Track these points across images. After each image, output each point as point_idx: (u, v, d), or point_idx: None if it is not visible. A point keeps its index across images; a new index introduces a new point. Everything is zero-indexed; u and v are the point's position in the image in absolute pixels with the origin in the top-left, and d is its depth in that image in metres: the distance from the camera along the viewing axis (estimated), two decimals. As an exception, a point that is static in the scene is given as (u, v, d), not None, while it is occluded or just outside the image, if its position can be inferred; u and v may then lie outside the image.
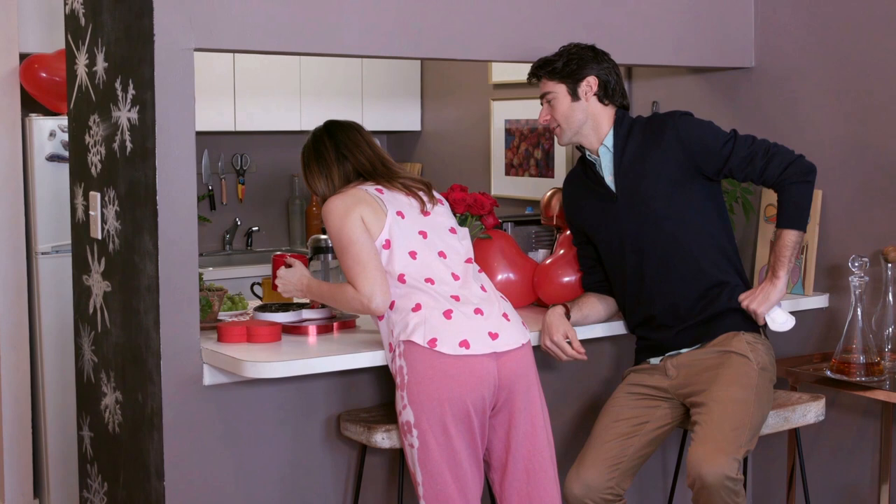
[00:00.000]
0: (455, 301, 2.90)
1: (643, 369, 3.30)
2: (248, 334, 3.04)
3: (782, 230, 3.16)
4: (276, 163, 5.71)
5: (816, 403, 3.36)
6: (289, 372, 2.89)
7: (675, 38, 3.83)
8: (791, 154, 3.17)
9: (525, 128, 5.27)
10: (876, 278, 3.59)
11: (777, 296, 3.17)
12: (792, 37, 3.94)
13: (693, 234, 3.19)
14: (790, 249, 3.15)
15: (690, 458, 2.93)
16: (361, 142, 3.12)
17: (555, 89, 3.23)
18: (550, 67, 3.24)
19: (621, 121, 3.25)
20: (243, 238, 5.62)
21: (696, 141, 3.16)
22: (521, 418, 2.93)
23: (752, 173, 3.16)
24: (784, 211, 3.16)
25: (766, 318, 3.17)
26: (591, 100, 3.22)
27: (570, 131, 3.24)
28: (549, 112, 3.25)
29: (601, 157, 3.24)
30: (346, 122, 3.20)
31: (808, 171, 3.16)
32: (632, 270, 3.24)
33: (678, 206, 3.17)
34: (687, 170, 3.16)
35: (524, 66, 3.44)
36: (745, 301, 3.18)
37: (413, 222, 2.97)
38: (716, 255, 3.21)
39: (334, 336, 3.17)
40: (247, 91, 5.28)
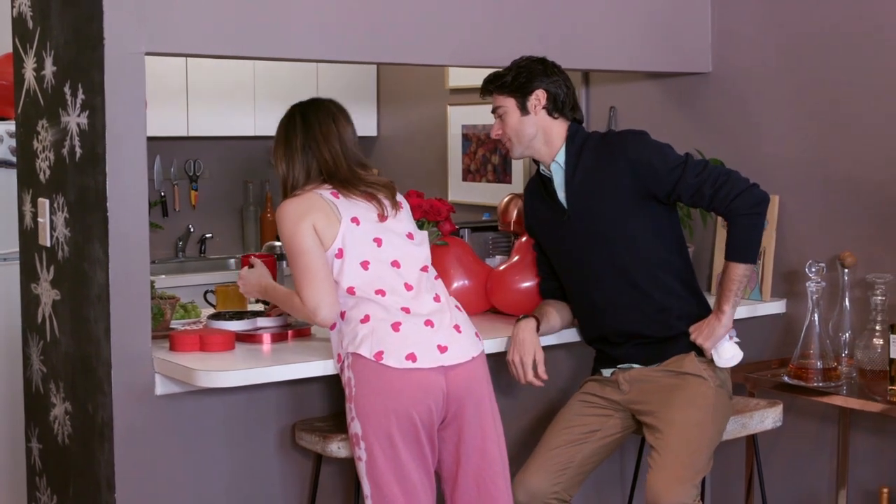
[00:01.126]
0: (405, 313, 2.88)
1: (598, 380, 3.32)
2: (201, 343, 3.02)
3: (729, 263, 3.12)
4: (230, 168, 5.69)
5: (774, 409, 3.39)
6: (243, 381, 2.88)
7: (631, 44, 3.86)
8: (742, 184, 3.09)
9: (482, 133, 5.28)
10: (833, 284, 3.63)
11: (722, 331, 3.15)
12: (749, 42, 3.99)
13: (644, 257, 3.17)
14: (736, 283, 3.12)
15: (649, 486, 2.96)
16: (332, 134, 3.00)
17: (504, 103, 3.21)
18: (500, 82, 3.22)
19: (574, 136, 3.22)
20: (196, 245, 5.59)
21: (644, 164, 3.11)
22: (471, 431, 2.92)
23: (700, 201, 3.11)
24: (731, 243, 3.12)
25: (713, 353, 3.16)
26: (541, 113, 3.19)
27: (520, 146, 3.23)
28: (500, 126, 3.24)
29: (553, 172, 3.23)
30: (326, 104, 3.08)
31: (757, 202, 3.09)
32: (582, 288, 3.26)
33: (630, 228, 3.15)
34: (637, 192, 3.13)
35: (481, 70, 3.45)
36: (692, 334, 3.18)
37: (368, 230, 2.94)
38: (668, 278, 3.19)
39: (289, 344, 3.16)
40: (199, 95, 5.25)
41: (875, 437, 3.70)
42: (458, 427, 2.92)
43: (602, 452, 3.24)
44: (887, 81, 3.62)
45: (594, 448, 3.21)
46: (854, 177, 3.71)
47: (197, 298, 3.72)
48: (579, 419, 3.23)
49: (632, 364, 3.24)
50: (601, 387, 3.28)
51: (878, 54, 3.63)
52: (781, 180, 3.90)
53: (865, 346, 3.44)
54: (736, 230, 3.11)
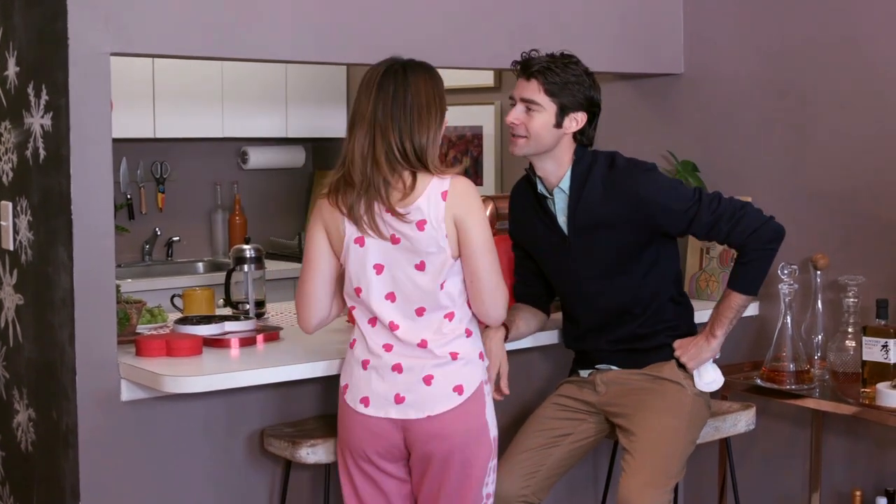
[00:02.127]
0: (383, 350, 2.78)
1: (574, 381, 3.32)
2: (167, 348, 3.00)
3: (732, 291, 3.10)
4: (198, 170, 5.67)
5: (747, 412, 3.41)
6: (210, 386, 2.86)
7: (603, 45, 3.87)
8: (758, 218, 3.06)
9: (453, 134, 5.28)
10: (805, 286, 3.66)
11: (709, 355, 3.15)
12: (722, 44, 4.01)
13: (643, 288, 3.15)
14: (734, 312, 3.11)
15: (621, 491, 2.97)
16: (392, 119, 2.69)
17: (543, 103, 3.04)
18: (552, 79, 3.04)
19: (580, 160, 3.11)
20: (163, 248, 5.56)
21: (657, 205, 3.04)
22: (439, 482, 2.81)
23: (717, 236, 3.07)
24: (739, 275, 3.09)
25: (694, 374, 3.17)
26: (569, 134, 3.10)
27: (531, 148, 3.09)
28: (524, 119, 3.07)
29: (555, 196, 3.14)
30: (420, 68, 2.79)
31: (773, 238, 3.06)
32: (575, 309, 3.26)
33: (632, 264, 3.12)
34: (646, 230, 3.08)
35: (452, 70, 3.44)
36: (677, 350, 3.18)
37: (370, 255, 2.76)
38: (663, 304, 3.18)
39: (258, 349, 3.15)
40: (166, 97, 5.23)
41: (848, 440, 3.73)
42: (423, 473, 2.82)
43: (573, 456, 3.24)
44: (859, 85, 3.65)
45: (565, 452, 3.21)
46: (827, 179, 3.74)
47: (164, 302, 3.71)
48: (552, 422, 3.23)
49: (610, 366, 3.24)
50: (577, 389, 3.28)
51: (850, 57, 3.66)
52: (753, 182, 3.92)
53: (838, 349, 3.46)
54: (747, 263, 3.07)
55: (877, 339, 3.28)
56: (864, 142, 3.64)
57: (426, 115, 2.72)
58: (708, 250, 3.97)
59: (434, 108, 2.74)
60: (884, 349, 3.27)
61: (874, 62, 3.61)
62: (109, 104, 2.92)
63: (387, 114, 2.71)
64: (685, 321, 3.25)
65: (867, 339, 3.30)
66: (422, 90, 2.73)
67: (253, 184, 5.84)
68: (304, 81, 5.63)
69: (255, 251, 3.69)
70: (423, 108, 2.72)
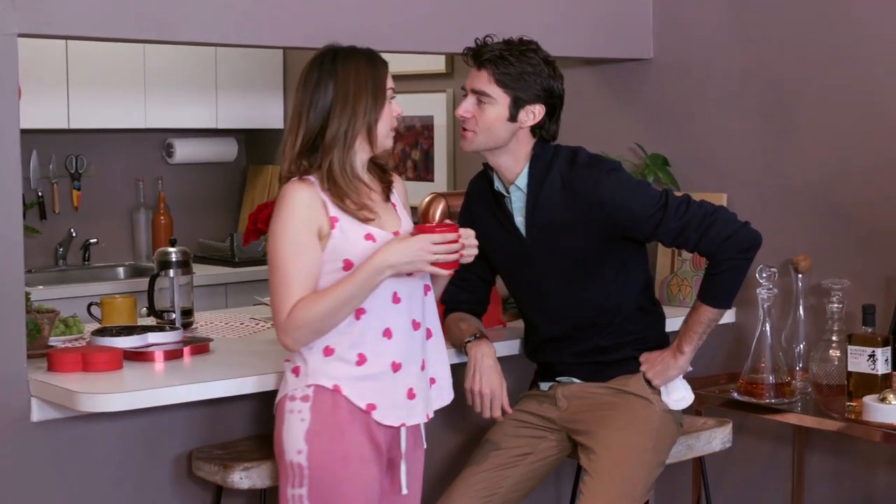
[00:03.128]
0: None
1: (534, 395, 3.33)
2: (83, 362, 2.98)
3: (701, 304, 3.11)
4: (118, 165, 5.63)
5: (722, 429, 3.43)
6: (131, 405, 2.84)
7: (566, 27, 3.89)
8: (731, 224, 3.04)
9: (401, 125, 5.28)
10: (786, 290, 3.69)
11: (676, 372, 3.16)
12: (694, 26, 4.04)
13: (608, 295, 3.17)
14: (704, 326, 3.12)
15: None
16: (308, 112, 2.75)
17: (495, 95, 3.04)
18: (502, 69, 3.03)
19: (539, 157, 3.11)
20: (79, 252, 5.52)
21: (621, 208, 3.04)
22: None
23: (685, 244, 3.06)
24: (710, 286, 3.08)
25: (662, 391, 3.18)
26: (526, 128, 3.09)
27: (483, 143, 3.09)
28: (474, 111, 3.07)
29: (512, 195, 3.15)
30: (355, 56, 2.80)
31: (748, 246, 3.04)
32: (535, 316, 3.27)
33: (596, 269, 3.14)
34: (610, 234, 3.09)
35: (401, 56, 3.44)
36: (644, 365, 3.19)
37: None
38: (629, 311, 3.19)
39: (185, 363, 3.13)
40: (82, 83, 5.19)
41: (833, 458, 3.76)
42: None
43: (533, 478, 3.25)
44: (844, 73, 3.68)
45: (524, 473, 3.22)
46: (809, 174, 3.78)
47: (80, 312, 3.67)
48: (510, 440, 3.24)
49: (572, 378, 3.25)
50: (537, 403, 3.29)
51: (834, 41, 3.70)
52: (729, 177, 3.95)
53: (821, 359, 3.49)
54: (718, 274, 3.07)
55: (863, 348, 3.31)
56: (850, 134, 3.68)
57: (350, 105, 2.74)
58: (680, 252, 4.00)
59: (364, 99, 2.75)
60: (871, 359, 3.30)
61: (860, 46, 3.65)
62: (17, 91, 2.88)
63: (304, 106, 2.76)
64: (654, 332, 3.27)
65: (853, 348, 3.33)
66: (350, 79, 2.74)
67: (179, 180, 5.80)
68: (237, 67, 5.61)
69: (182, 255, 3.67)
70: (348, 98, 2.74)
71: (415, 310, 2.82)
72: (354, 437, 2.74)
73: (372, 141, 2.77)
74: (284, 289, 2.70)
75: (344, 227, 2.72)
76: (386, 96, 2.79)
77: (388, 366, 2.76)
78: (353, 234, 2.72)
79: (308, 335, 2.71)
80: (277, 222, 2.73)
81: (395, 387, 2.77)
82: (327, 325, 2.70)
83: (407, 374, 2.79)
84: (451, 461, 3.59)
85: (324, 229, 2.72)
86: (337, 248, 2.72)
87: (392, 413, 2.77)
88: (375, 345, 2.75)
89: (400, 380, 2.78)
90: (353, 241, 2.72)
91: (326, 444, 2.72)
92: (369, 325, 2.75)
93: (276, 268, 2.72)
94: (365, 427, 2.75)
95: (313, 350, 2.75)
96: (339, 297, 2.67)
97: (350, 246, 2.72)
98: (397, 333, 2.77)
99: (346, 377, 2.73)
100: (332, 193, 2.72)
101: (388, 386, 2.76)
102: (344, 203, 2.73)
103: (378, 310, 2.75)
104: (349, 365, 2.73)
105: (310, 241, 2.71)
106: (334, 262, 2.72)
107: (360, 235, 2.73)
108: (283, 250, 2.70)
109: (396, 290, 2.77)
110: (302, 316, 2.68)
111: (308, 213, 2.71)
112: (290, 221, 2.71)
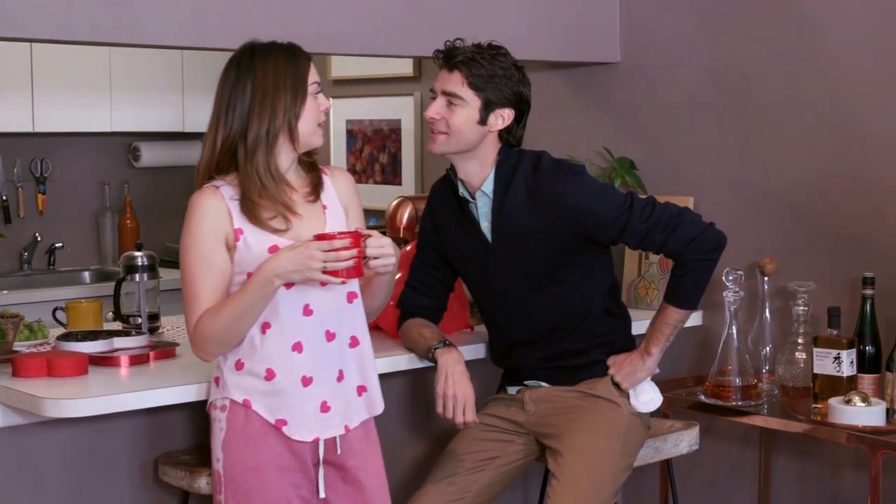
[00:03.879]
0: None
1: (502, 398, 3.33)
2: (48, 367, 2.96)
3: (668, 305, 3.13)
4: (84, 169, 5.60)
5: (689, 431, 3.44)
6: (97, 410, 2.82)
7: (532, 31, 3.90)
8: (697, 226, 3.06)
9: (369, 129, 5.28)
10: (752, 293, 3.71)
11: (644, 374, 3.17)
12: (662, 30, 4.05)
13: (574, 300, 3.17)
14: (671, 328, 3.13)
15: None
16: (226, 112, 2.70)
17: (466, 97, 3.04)
18: (474, 71, 3.04)
19: (504, 162, 3.11)
20: (44, 256, 5.49)
21: (585, 211, 3.05)
22: None
23: (651, 246, 3.08)
24: (676, 287, 3.10)
25: (630, 394, 3.19)
26: (494, 132, 3.10)
27: (452, 146, 3.09)
28: (444, 113, 3.07)
29: (478, 200, 3.15)
30: (273, 51, 2.73)
31: (714, 247, 3.06)
32: (500, 321, 3.26)
33: (562, 274, 3.14)
34: (575, 238, 3.09)
35: (369, 60, 3.44)
36: (611, 369, 3.20)
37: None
38: (596, 315, 3.20)
39: (150, 367, 3.12)
40: (47, 86, 5.16)
41: (799, 460, 3.79)
42: None
43: (501, 482, 3.25)
44: (811, 76, 3.71)
45: (492, 477, 3.22)
46: (774, 178, 3.80)
47: (45, 317, 3.65)
48: (477, 444, 3.24)
49: (540, 382, 3.26)
50: (505, 407, 3.29)
51: (802, 45, 3.72)
52: (696, 181, 3.97)
53: (787, 361, 3.52)
54: (684, 275, 3.08)
55: (829, 350, 3.33)
56: (816, 137, 3.70)
57: (269, 103, 2.67)
58: (647, 255, 4.01)
59: (284, 96, 2.68)
60: (836, 361, 3.32)
61: (825, 50, 3.67)
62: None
63: (222, 107, 2.71)
64: (621, 334, 3.27)
65: (818, 350, 3.35)
66: (269, 76, 2.69)
67: (145, 183, 5.78)
68: (203, 70, 5.59)
69: (148, 258, 3.65)
70: (266, 96, 2.68)
71: (329, 320, 2.73)
72: (269, 448, 2.70)
73: (294, 139, 2.69)
74: (192, 301, 2.68)
75: (248, 240, 2.67)
76: (308, 91, 2.70)
77: (297, 380, 2.70)
78: (256, 246, 2.67)
79: (216, 347, 2.69)
80: (184, 233, 2.69)
81: (305, 401, 2.71)
82: (230, 336, 2.66)
83: (319, 388, 2.73)
84: (416, 469, 3.59)
85: (230, 240, 2.67)
86: (241, 260, 2.67)
87: (304, 428, 2.72)
88: (284, 360, 2.70)
89: (311, 394, 2.72)
90: (257, 254, 2.66)
91: (240, 454, 2.71)
92: (276, 340, 2.70)
93: (185, 280, 2.69)
94: (281, 438, 2.72)
95: (227, 363, 2.73)
96: (236, 308, 2.63)
97: (252, 259, 2.66)
98: (308, 347, 2.71)
99: (255, 391, 2.70)
100: (244, 203, 2.66)
101: (299, 401, 2.71)
102: (253, 213, 2.66)
103: (286, 323, 2.69)
104: (258, 379, 2.70)
105: (216, 251, 2.66)
106: (240, 274, 2.68)
107: (264, 248, 2.66)
108: (190, 262, 2.67)
109: (308, 303, 2.71)
110: (206, 328, 2.66)
111: (214, 224, 2.66)
112: (196, 233, 2.67)
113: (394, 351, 3.28)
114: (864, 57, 3.58)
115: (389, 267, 2.69)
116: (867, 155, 3.59)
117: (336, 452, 2.78)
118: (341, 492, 2.81)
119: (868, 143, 3.58)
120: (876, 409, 3.23)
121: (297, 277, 2.61)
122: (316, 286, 2.68)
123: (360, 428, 2.81)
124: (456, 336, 3.42)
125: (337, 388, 2.76)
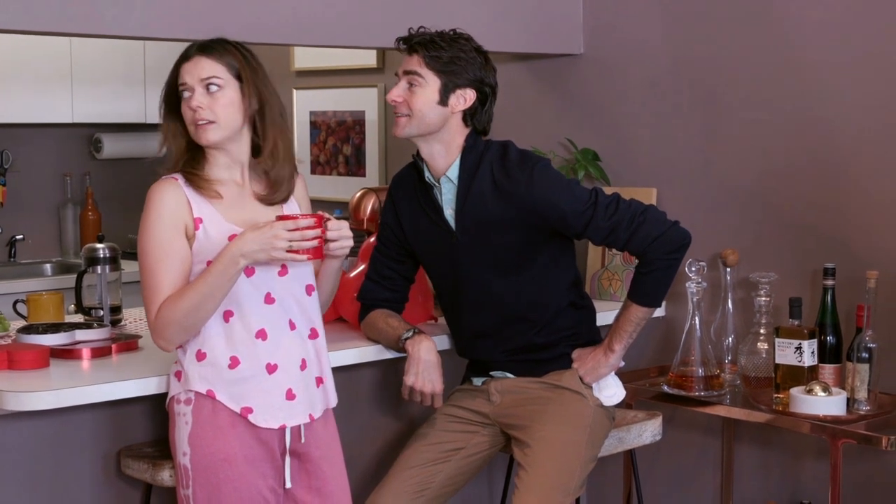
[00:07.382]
0: None
1: (467, 389, 3.33)
2: (9, 360, 2.95)
3: (632, 303, 3.14)
4: (45, 160, 5.57)
5: (653, 422, 3.46)
6: (58, 403, 2.81)
7: (493, 21, 3.89)
8: (661, 224, 3.07)
9: (332, 120, 5.26)
10: (714, 284, 3.72)
11: (607, 370, 3.19)
12: (625, 22, 4.06)
13: (538, 292, 3.17)
14: (634, 325, 3.14)
15: None
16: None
17: (426, 76, 3.05)
18: (433, 53, 3.05)
19: (471, 149, 3.11)
20: (5, 248, 5.46)
21: (551, 206, 3.05)
22: None
23: (615, 243, 3.09)
24: (639, 286, 3.12)
25: (593, 387, 3.20)
26: (457, 114, 3.10)
27: (415, 128, 3.09)
28: (405, 95, 3.07)
29: (442, 186, 3.14)
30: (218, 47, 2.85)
31: (678, 246, 3.08)
32: (462, 311, 3.26)
33: (525, 265, 3.14)
34: (539, 230, 3.10)
35: (332, 51, 3.43)
36: (576, 363, 3.21)
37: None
38: (560, 307, 3.21)
39: (112, 360, 3.10)
40: (7, 76, 5.12)
41: (761, 449, 3.81)
42: None
43: (466, 472, 3.25)
44: (775, 70, 3.72)
45: (457, 467, 3.22)
46: (737, 169, 3.82)
47: (5, 309, 3.64)
48: (442, 435, 3.24)
49: (506, 373, 3.26)
50: (470, 398, 3.29)
51: (766, 39, 3.74)
52: (659, 172, 3.98)
53: (749, 352, 3.54)
54: (647, 273, 3.10)
55: (790, 340, 3.36)
56: (779, 131, 3.72)
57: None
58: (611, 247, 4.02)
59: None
60: (798, 351, 3.34)
61: (788, 42, 3.69)
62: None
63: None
64: (586, 326, 3.28)
65: (780, 340, 3.37)
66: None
67: (107, 175, 5.75)
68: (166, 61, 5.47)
69: (110, 251, 3.64)
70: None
71: (290, 310, 2.76)
72: (237, 440, 2.70)
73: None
74: (152, 289, 2.68)
75: (207, 229, 2.69)
76: (177, 93, 2.81)
77: (262, 368, 2.72)
78: (216, 235, 2.68)
79: (178, 333, 2.68)
80: (144, 223, 2.70)
81: (271, 388, 2.72)
82: (193, 321, 2.66)
83: (284, 375, 2.74)
84: (379, 461, 3.59)
85: (189, 229, 2.69)
86: (200, 249, 2.69)
87: (270, 415, 2.72)
88: (248, 347, 2.71)
89: (276, 381, 2.73)
90: (217, 242, 2.67)
91: (208, 447, 2.70)
92: (239, 327, 2.71)
93: (145, 269, 2.69)
94: (248, 427, 2.72)
95: (188, 355, 2.73)
96: (200, 292, 2.63)
97: (212, 247, 2.67)
98: (272, 334, 2.73)
99: (219, 380, 2.70)
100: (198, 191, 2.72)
101: (264, 388, 2.72)
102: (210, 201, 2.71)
103: (249, 311, 2.71)
104: (222, 368, 2.70)
105: (176, 240, 2.68)
106: (199, 263, 2.68)
107: (224, 236, 2.68)
108: (150, 252, 2.68)
109: (270, 291, 2.73)
110: (168, 314, 2.65)
111: (173, 213, 2.68)
112: (156, 222, 2.68)
113: (360, 342, 3.28)
114: (828, 49, 3.60)
115: (346, 250, 2.74)
116: (829, 146, 3.61)
117: (300, 441, 2.78)
118: (304, 483, 2.82)
119: (830, 135, 3.60)
120: (837, 398, 3.25)
121: (262, 256, 2.62)
122: (275, 276, 2.71)
123: (322, 418, 2.83)
124: (420, 327, 3.42)
125: (300, 377, 2.77)
